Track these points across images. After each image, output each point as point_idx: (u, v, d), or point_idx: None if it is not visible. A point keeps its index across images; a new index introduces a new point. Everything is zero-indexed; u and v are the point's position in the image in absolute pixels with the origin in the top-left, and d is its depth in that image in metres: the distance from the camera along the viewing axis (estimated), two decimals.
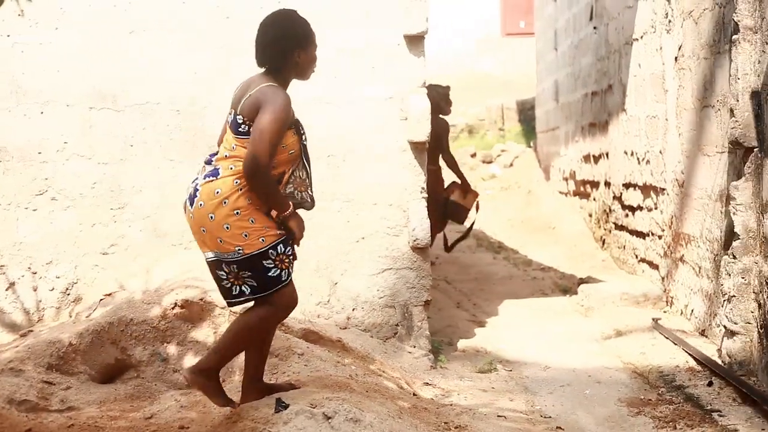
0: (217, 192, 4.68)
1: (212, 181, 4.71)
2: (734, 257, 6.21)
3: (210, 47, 6.60)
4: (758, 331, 6.01)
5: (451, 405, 5.72)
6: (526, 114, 20.85)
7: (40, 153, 6.56)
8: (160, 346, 5.90)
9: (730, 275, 6.22)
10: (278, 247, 4.79)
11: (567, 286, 10.15)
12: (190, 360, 5.81)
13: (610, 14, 11.05)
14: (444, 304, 9.15)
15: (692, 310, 7.59)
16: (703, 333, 7.26)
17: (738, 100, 6.15)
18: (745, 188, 6.15)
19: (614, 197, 10.90)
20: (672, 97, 8.22)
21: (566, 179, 14.69)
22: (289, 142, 4.81)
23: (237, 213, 4.67)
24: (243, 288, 4.76)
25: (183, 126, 6.61)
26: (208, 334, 5.92)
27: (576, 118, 13.71)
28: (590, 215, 12.71)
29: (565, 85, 14.87)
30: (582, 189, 13.35)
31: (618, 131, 10.61)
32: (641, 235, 9.64)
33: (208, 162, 4.83)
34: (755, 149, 6.10)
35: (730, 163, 6.65)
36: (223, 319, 5.92)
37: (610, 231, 11.30)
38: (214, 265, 4.77)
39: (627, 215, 10.27)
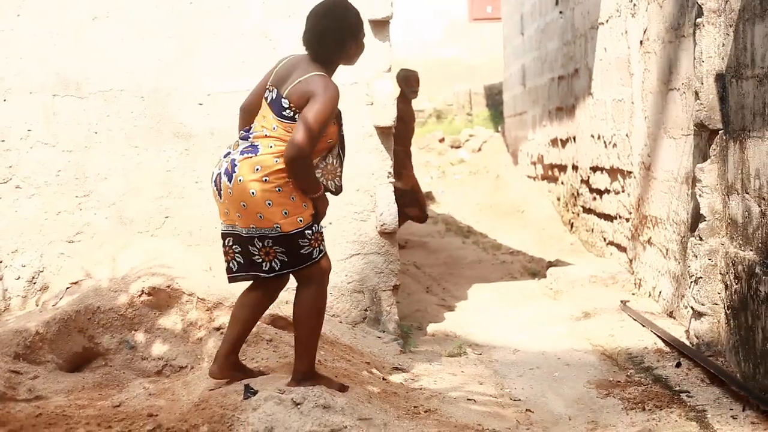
0: (257, 168, 4.79)
1: (251, 157, 4.82)
2: (700, 239, 6.24)
3: (174, 34, 6.56)
4: (725, 312, 6.05)
5: (420, 389, 5.73)
6: (494, 99, 20.88)
7: (3, 141, 6.50)
8: (127, 334, 5.87)
9: (696, 257, 6.25)
10: (313, 227, 4.94)
11: (536, 269, 10.18)
12: (159, 348, 5.79)
13: None
14: (413, 288, 9.15)
15: (660, 292, 7.63)
16: (671, 314, 7.30)
17: (702, 83, 6.18)
18: (711, 170, 6.18)
19: (582, 181, 10.93)
20: (637, 81, 8.24)
21: (534, 163, 14.73)
22: (329, 132, 4.96)
23: (279, 190, 4.80)
24: (273, 263, 4.89)
25: (147, 113, 6.57)
26: (175, 321, 5.89)
27: (543, 102, 13.74)
28: (558, 199, 12.75)
29: (532, 70, 14.89)
30: (550, 173, 13.38)
31: (585, 115, 10.63)
32: (609, 218, 9.68)
33: (245, 138, 4.94)
34: (720, 131, 6.13)
35: (696, 146, 6.68)
36: (190, 306, 5.89)
37: (578, 214, 11.33)
38: (247, 240, 4.87)
39: (594, 198, 10.30)
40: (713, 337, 6.18)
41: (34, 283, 6.57)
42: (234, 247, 4.96)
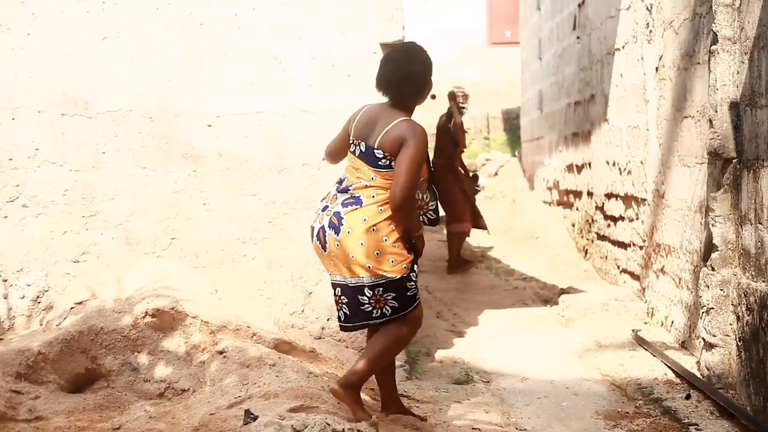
0: (365, 219, 4.97)
1: (356, 209, 4.99)
2: (713, 269, 6.16)
3: (183, 54, 6.54)
4: (737, 344, 5.96)
5: (426, 416, 5.66)
6: (512, 123, 20.85)
7: (11, 159, 6.48)
8: (130, 356, 5.82)
9: (708, 287, 6.17)
10: (414, 269, 5.16)
11: (548, 296, 10.10)
12: (161, 370, 5.74)
13: (593, 24, 11.02)
14: (423, 313, 9.07)
15: (672, 322, 7.54)
16: (683, 345, 7.21)
17: (717, 111, 6.11)
18: (724, 199, 6.11)
19: (596, 207, 10.87)
20: (653, 108, 8.18)
21: (550, 189, 14.67)
22: (421, 171, 5.12)
23: (385, 240, 4.99)
24: (384, 310, 5.06)
25: (156, 133, 6.55)
26: (179, 343, 5.84)
27: (559, 127, 13.69)
28: (573, 225, 12.68)
29: (549, 95, 14.85)
30: (565, 199, 13.32)
31: (600, 141, 10.57)
32: (623, 245, 9.60)
33: (343, 191, 5.09)
34: (734, 160, 6.05)
35: (710, 174, 6.60)
36: (194, 329, 5.85)
37: (592, 241, 11.26)
38: (355, 290, 5.03)
39: (609, 225, 10.23)
40: (724, 369, 6.09)
41: (39, 302, 6.54)
42: (342, 297, 5.12)
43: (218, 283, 6.50)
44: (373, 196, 5.01)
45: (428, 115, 13.81)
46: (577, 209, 12.39)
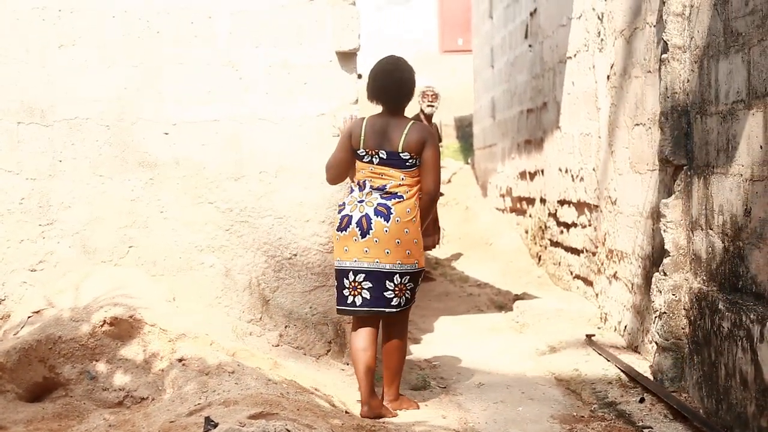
0: (408, 211, 5.79)
1: (401, 201, 5.77)
2: (665, 274, 6.25)
3: (140, 62, 6.54)
4: (689, 348, 6.06)
5: (383, 423, 5.69)
6: (464, 131, 20.94)
7: None
8: (89, 364, 5.81)
9: (661, 292, 6.26)
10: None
11: (503, 302, 10.17)
12: (120, 378, 5.74)
13: (545, 32, 11.13)
14: None
15: (625, 327, 7.64)
16: (636, 349, 7.31)
17: (667, 119, 6.21)
18: (675, 206, 6.21)
19: (549, 214, 10.96)
20: (604, 115, 8.28)
21: (503, 196, 14.76)
22: None
23: (419, 231, 5.83)
24: (401, 299, 5.85)
25: (112, 141, 6.54)
26: (137, 351, 5.84)
27: (512, 135, 13.79)
28: (526, 231, 12.77)
29: (502, 102, 14.95)
30: (518, 206, 13.41)
31: (553, 148, 10.67)
32: (576, 251, 9.70)
33: (379, 189, 5.80)
34: (685, 167, 6.16)
35: (661, 181, 6.71)
36: (153, 337, 5.84)
37: (545, 247, 11.35)
38: (385, 276, 5.77)
39: (562, 232, 10.32)
40: (677, 372, 6.18)
41: None
42: (364, 283, 5.77)
43: (176, 291, 6.50)
44: (409, 192, 5.80)
45: None
46: (530, 216, 12.48)
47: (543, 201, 11.41)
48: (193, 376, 5.54)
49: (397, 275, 5.78)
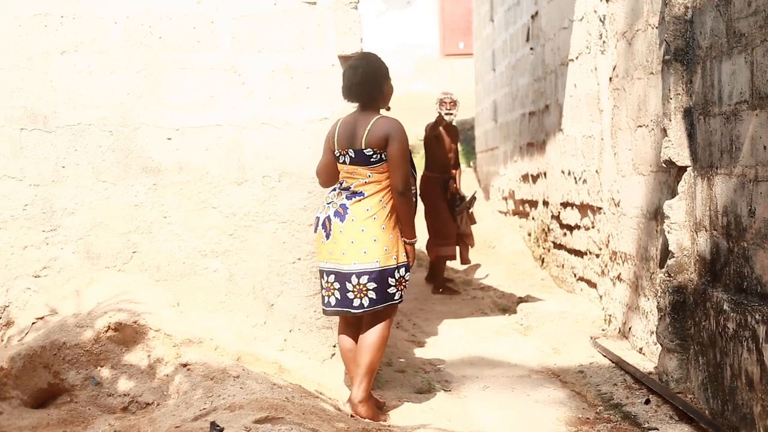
0: (368, 209, 5.69)
1: (360, 200, 5.70)
2: (669, 275, 6.25)
3: (142, 68, 6.54)
4: (694, 349, 6.05)
5: (388, 426, 5.69)
6: (466, 134, 20.94)
7: None
8: (93, 370, 5.81)
9: (665, 293, 6.26)
10: (401, 270, 5.82)
11: (506, 305, 10.16)
12: (124, 384, 5.73)
13: (546, 35, 11.13)
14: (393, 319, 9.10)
15: (630, 328, 7.63)
16: (640, 351, 7.30)
17: (671, 120, 6.21)
18: (679, 207, 6.20)
19: (552, 216, 10.96)
20: (607, 117, 8.28)
21: (505, 199, 14.76)
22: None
23: (383, 228, 5.71)
24: (363, 300, 5.72)
25: (115, 147, 6.54)
26: (142, 357, 5.84)
27: (514, 137, 13.79)
28: (529, 234, 12.77)
29: (504, 105, 14.95)
30: (521, 208, 13.41)
31: (555, 151, 10.67)
32: (579, 253, 9.69)
33: (345, 189, 5.77)
34: (688, 168, 6.15)
35: (664, 182, 6.70)
36: (157, 342, 5.84)
37: (548, 250, 11.35)
38: (344, 277, 5.71)
39: (565, 234, 10.32)
40: (682, 373, 6.18)
41: None
42: (335, 284, 5.77)
43: (180, 296, 6.50)
44: (373, 189, 5.70)
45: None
46: (533, 218, 12.48)
47: (546, 203, 11.41)
48: (198, 381, 5.54)
49: (354, 275, 5.69)
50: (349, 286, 5.71)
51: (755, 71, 5.12)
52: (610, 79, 8.12)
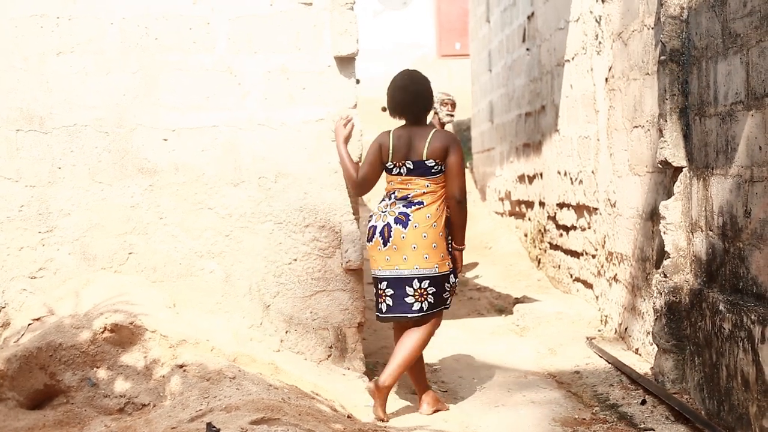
0: (428, 216, 5.98)
1: (421, 208, 5.98)
2: (665, 276, 6.26)
3: (138, 69, 6.54)
4: (690, 349, 6.06)
5: (385, 427, 5.69)
6: (462, 134, 20.94)
7: None
8: (89, 371, 5.80)
9: (661, 294, 6.27)
10: (452, 276, 6.13)
11: (503, 306, 10.17)
12: (121, 385, 5.73)
13: (542, 36, 11.14)
14: (379, 325, 9.11)
15: (626, 329, 7.64)
16: (636, 351, 7.31)
17: (666, 120, 6.22)
18: (675, 207, 6.21)
19: (548, 217, 10.97)
20: (603, 118, 8.29)
21: (502, 199, 14.77)
22: None
23: (441, 235, 6.01)
24: (423, 304, 6.01)
25: (111, 148, 6.53)
26: (138, 358, 5.83)
27: (510, 138, 13.79)
28: (525, 235, 12.78)
29: (500, 106, 14.96)
30: (517, 209, 13.42)
31: (551, 151, 10.68)
32: (575, 254, 9.70)
33: (402, 198, 6.05)
34: (684, 169, 6.16)
35: (660, 183, 6.71)
36: (153, 343, 5.84)
37: (545, 250, 11.36)
38: (402, 282, 6.00)
39: (561, 235, 10.33)
40: (678, 374, 6.18)
41: None
42: (387, 290, 6.04)
43: (176, 297, 6.50)
44: (432, 199, 6.00)
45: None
46: (529, 219, 12.49)
47: (542, 204, 11.42)
48: (195, 382, 5.53)
49: (416, 280, 5.97)
50: (409, 291, 5.99)
51: (751, 72, 5.12)
52: (606, 79, 8.12)
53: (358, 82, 7.03)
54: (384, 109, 6.13)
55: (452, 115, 11.12)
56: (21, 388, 5.72)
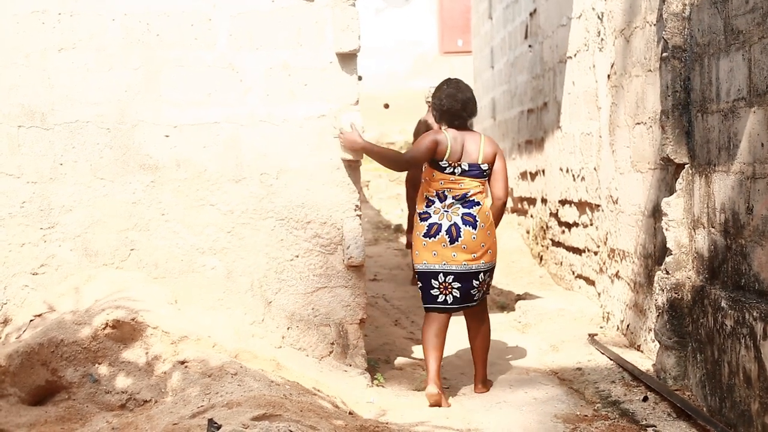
0: (487, 214, 6.58)
1: (480, 208, 6.53)
2: (667, 273, 6.25)
3: (140, 65, 6.53)
4: (692, 346, 6.05)
5: (387, 424, 5.69)
6: None
7: None
8: (91, 367, 5.80)
9: (663, 290, 6.26)
10: None
11: (505, 302, 10.16)
12: (122, 381, 5.73)
13: (545, 33, 11.12)
14: (381, 321, 9.11)
15: (628, 325, 7.63)
16: (638, 348, 7.30)
17: (668, 117, 6.21)
18: (677, 204, 6.21)
19: (551, 214, 10.96)
20: (605, 115, 8.28)
21: None
22: None
23: (493, 230, 6.66)
24: (482, 293, 6.74)
25: (113, 144, 6.53)
26: (139, 354, 5.83)
27: (513, 135, 13.79)
28: (528, 232, 12.77)
29: (502, 103, 14.95)
30: (519, 206, 13.41)
31: (553, 148, 10.67)
32: (577, 251, 9.69)
33: (460, 199, 6.52)
34: (686, 165, 6.16)
35: (662, 180, 6.70)
36: (155, 339, 5.84)
37: (547, 247, 11.35)
38: (472, 276, 6.56)
39: (563, 231, 10.32)
40: (680, 371, 6.18)
41: None
42: (453, 283, 6.53)
43: (178, 294, 6.49)
44: (485, 199, 6.59)
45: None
46: (531, 216, 12.48)
47: (544, 201, 11.41)
48: (196, 378, 5.54)
49: (482, 273, 6.58)
50: (474, 284, 6.57)
51: (753, 68, 5.12)
52: (608, 76, 8.11)
53: (360, 78, 7.03)
54: (386, 106, 6.15)
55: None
56: (23, 384, 5.72)
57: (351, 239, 6.65)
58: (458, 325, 9.11)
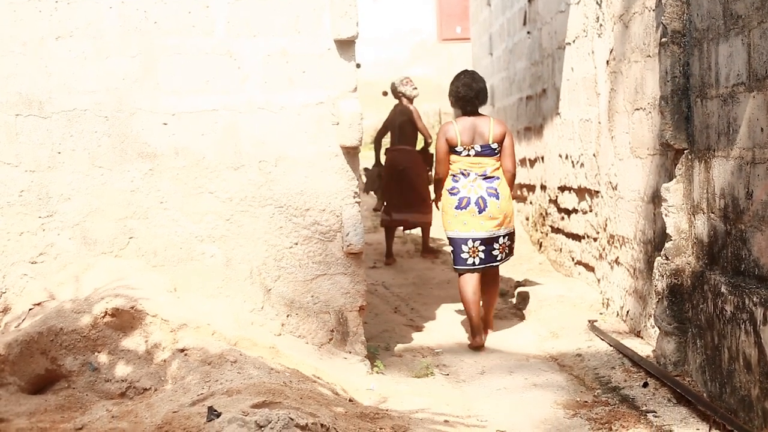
0: (506, 187, 7.81)
1: (500, 181, 7.78)
2: (667, 258, 6.24)
3: (138, 53, 6.51)
4: (692, 332, 6.05)
5: (387, 411, 5.69)
6: None
7: None
8: (91, 356, 5.80)
9: (663, 276, 6.26)
10: None
11: (504, 289, 10.13)
12: (122, 369, 5.73)
13: (543, 19, 11.10)
14: (381, 308, 9.12)
15: (627, 312, 7.63)
16: (638, 334, 7.30)
17: (668, 103, 6.19)
18: (677, 190, 6.20)
19: (550, 200, 10.95)
20: (604, 101, 8.26)
21: None
22: None
23: (510, 201, 7.87)
24: (504, 253, 7.91)
25: (111, 132, 6.52)
26: (139, 342, 5.83)
27: (512, 122, 13.76)
28: (527, 218, 12.76)
29: (501, 90, 14.93)
30: (519, 192, 13.39)
31: (553, 135, 10.65)
32: (577, 237, 9.68)
33: (482, 175, 7.75)
34: (685, 151, 6.14)
35: (662, 165, 6.69)
36: (154, 328, 5.83)
37: (546, 234, 11.34)
38: (494, 240, 7.79)
39: (563, 218, 10.31)
40: (680, 356, 6.18)
41: None
42: (479, 247, 7.75)
43: (177, 282, 6.48)
44: (500, 173, 7.80)
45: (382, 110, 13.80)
46: (530, 203, 12.47)
47: (543, 187, 11.40)
48: (196, 366, 5.53)
49: (502, 237, 7.80)
50: (496, 246, 7.79)
51: (752, 53, 5.10)
52: (607, 62, 8.10)
53: (358, 66, 7.01)
54: (385, 94, 6.17)
55: (416, 88, 12.46)
56: (22, 372, 5.71)
57: (350, 226, 6.65)
58: (457, 311, 9.13)
